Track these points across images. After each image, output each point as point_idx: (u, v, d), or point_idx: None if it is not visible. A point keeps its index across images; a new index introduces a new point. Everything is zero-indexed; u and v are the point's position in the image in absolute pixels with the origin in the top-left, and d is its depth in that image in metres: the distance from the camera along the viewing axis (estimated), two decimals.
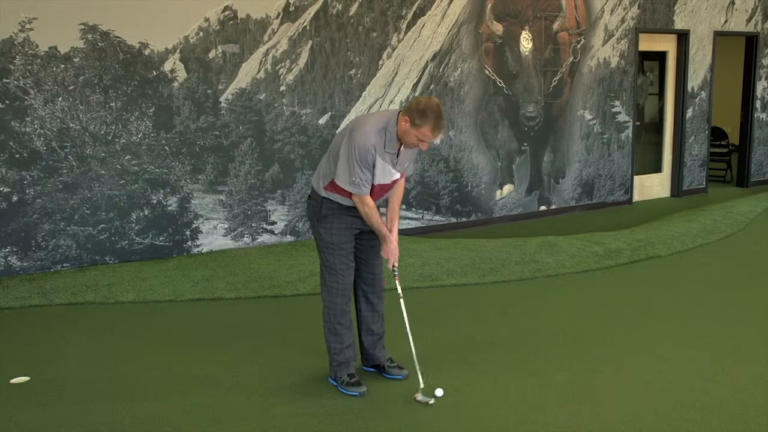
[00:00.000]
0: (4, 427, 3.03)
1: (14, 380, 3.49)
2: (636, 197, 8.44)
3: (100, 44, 5.28)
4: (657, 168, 8.76)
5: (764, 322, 4.19)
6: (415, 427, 3.00)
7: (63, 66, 5.18)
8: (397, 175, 3.24)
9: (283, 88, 6.08)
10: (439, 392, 3.25)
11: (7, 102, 5.04)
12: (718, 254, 5.86)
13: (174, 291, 4.88)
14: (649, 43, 8.24)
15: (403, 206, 6.49)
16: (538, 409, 3.12)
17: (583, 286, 5.02)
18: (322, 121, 6.26)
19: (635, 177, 8.35)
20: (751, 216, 7.19)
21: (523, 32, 7.12)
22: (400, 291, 3.35)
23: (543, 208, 7.62)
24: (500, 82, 7.08)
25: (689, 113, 8.61)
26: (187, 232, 5.81)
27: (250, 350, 3.86)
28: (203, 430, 2.99)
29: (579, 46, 7.54)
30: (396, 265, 3.31)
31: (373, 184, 3.16)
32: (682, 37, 8.41)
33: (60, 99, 5.20)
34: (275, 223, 6.17)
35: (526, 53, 7.17)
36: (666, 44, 8.43)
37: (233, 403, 3.23)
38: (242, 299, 4.78)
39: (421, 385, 3.25)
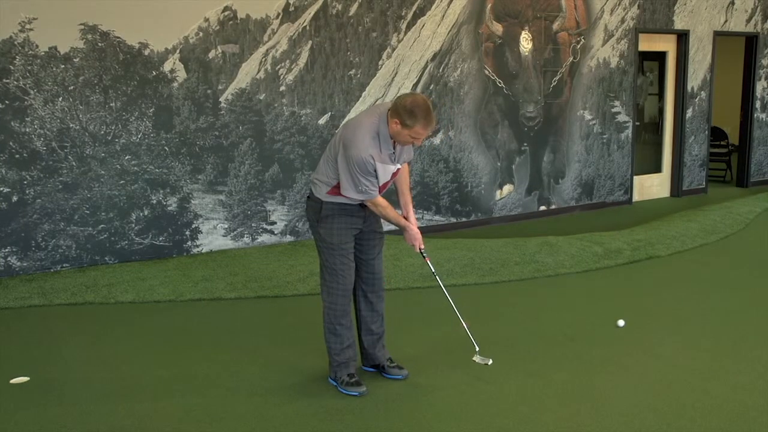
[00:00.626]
0: (4, 427, 3.03)
1: (14, 380, 3.49)
2: (636, 197, 8.44)
3: (100, 44, 5.28)
4: (657, 168, 8.77)
5: (764, 322, 4.19)
6: (415, 427, 3.00)
7: (63, 66, 5.18)
8: (399, 167, 3.26)
9: (282, 88, 6.08)
10: (621, 323, 3.76)
11: (7, 102, 5.05)
12: (718, 254, 5.86)
13: (174, 291, 4.88)
14: (648, 44, 8.24)
15: None
16: (538, 409, 3.12)
17: (583, 286, 5.02)
18: (321, 121, 6.26)
19: (635, 177, 8.35)
20: (750, 216, 7.19)
21: (523, 32, 7.12)
22: (432, 269, 3.50)
23: (543, 208, 7.62)
24: (500, 82, 7.08)
25: (689, 113, 8.61)
26: (187, 232, 5.81)
27: (250, 350, 3.86)
28: (203, 430, 2.99)
29: (579, 46, 7.54)
30: (422, 247, 3.42)
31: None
32: (682, 38, 8.41)
33: (60, 99, 5.20)
34: (275, 223, 6.17)
35: (526, 53, 7.17)
36: (666, 44, 8.43)
37: (233, 403, 3.23)
38: (242, 299, 4.78)
39: (477, 348, 3.45)
